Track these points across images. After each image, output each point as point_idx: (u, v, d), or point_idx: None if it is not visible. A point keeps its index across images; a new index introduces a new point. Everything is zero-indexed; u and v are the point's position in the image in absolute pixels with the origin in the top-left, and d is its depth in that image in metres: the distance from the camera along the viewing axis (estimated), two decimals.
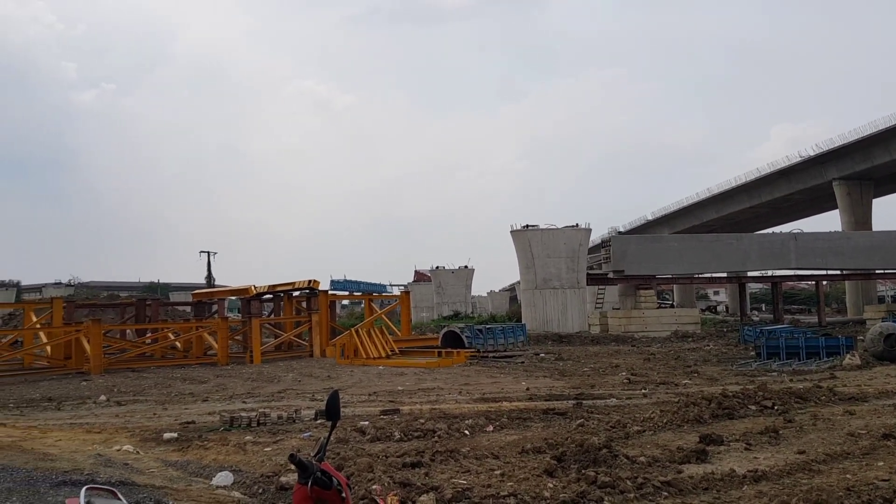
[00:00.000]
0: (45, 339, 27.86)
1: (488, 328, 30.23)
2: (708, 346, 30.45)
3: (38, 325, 29.97)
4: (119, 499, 3.89)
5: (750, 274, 48.88)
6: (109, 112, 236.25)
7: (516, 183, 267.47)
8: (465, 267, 78.50)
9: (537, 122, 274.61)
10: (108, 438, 10.82)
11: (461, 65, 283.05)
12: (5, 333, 33.92)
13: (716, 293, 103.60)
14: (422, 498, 6.69)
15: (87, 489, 3.78)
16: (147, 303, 35.85)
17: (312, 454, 3.40)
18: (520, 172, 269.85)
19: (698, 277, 49.96)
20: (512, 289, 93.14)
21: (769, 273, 50.13)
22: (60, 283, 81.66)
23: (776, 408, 12.05)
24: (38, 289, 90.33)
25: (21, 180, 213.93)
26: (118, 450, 9.65)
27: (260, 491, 7.56)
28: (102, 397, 17.45)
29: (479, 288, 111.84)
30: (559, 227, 41.94)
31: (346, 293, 36.56)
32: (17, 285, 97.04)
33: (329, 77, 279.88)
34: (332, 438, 3.65)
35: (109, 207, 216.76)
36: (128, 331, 33.46)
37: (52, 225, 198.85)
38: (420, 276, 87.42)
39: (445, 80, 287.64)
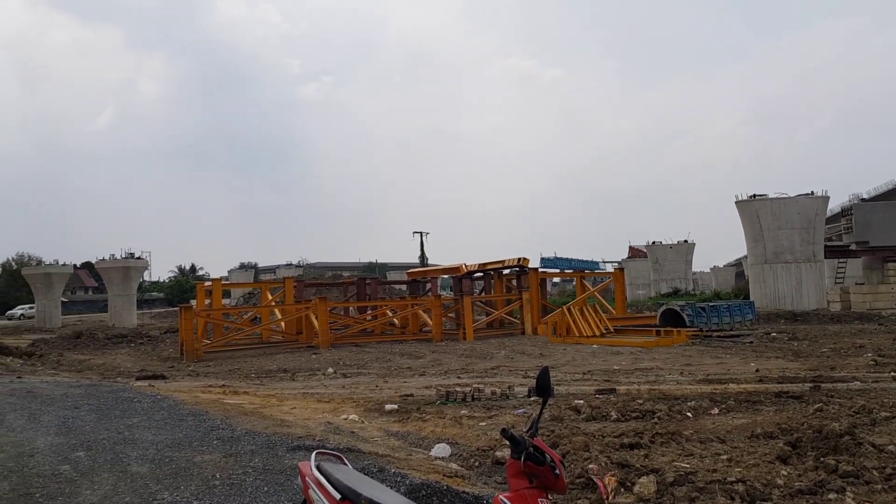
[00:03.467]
0: (279, 316, 30.42)
1: (712, 306, 28.55)
2: None
3: (273, 303, 32.98)
4: (345, 464, 4.05)
5: None
6: (328, 103, 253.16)
7: (740, 150, 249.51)
8: (685, 241, 74.54)
9: (764, 83, 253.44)
10: (335, 408, 11.50)
11: (674, 27, 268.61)
12: (246, 310, 37.74)
13: None
14: (641, 480, 6.34)
15: (316, 453, 4.00)
16: (367, 282, 37.91)
17: (525, 430, 3.30)
18: (744, 138, 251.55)
19: None
20: (738, 264, 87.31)
21: None
22: (291, 265, 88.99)
23: None
24: (272, 270, 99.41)
25: (256, 171, 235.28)
26: (345, 419, 10.22)
27: (476, 464, 7.61)
28: (330, 369, 18.70)
29: (701, 263, 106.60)
30: (791, 195, 38.61)
31: (557, 270, 36.25)
32: (254, 267, 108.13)
33: (533, 52, 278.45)
34: (544, 415, 3.51)
35: (331, 193, 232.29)
36: (350, 308, 35.68)
37: (283, 211, 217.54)
38: (635, 252, 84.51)
39: (657, 46, 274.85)
